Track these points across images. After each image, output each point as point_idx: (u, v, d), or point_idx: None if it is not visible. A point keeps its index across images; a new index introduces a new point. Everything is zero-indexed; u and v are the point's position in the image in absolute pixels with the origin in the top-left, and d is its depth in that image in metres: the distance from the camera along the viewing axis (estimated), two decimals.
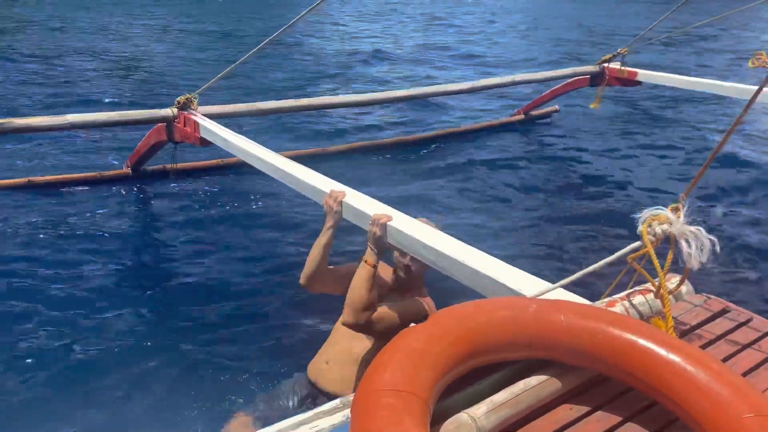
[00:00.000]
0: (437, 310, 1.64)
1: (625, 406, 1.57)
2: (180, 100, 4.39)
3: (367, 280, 2.40)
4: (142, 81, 8.99)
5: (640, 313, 1.89)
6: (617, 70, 6.42)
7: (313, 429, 1.49)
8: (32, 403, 2.87)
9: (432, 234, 2.47)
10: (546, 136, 7.48)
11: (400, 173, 5.94)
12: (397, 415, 1.27)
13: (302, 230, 4.63)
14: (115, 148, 6.02)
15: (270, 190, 5.16)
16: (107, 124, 4.55)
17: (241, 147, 3.76)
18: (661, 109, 8.81)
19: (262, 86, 8.98)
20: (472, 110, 8.29)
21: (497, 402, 1.50)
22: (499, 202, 5.48)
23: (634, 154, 6.89)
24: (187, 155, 5.46)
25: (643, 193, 5.74)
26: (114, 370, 3.10)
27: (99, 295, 3.72)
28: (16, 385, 2.97)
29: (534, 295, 1.92)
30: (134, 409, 2.88)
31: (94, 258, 4.13)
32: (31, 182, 4.96)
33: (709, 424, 1.36)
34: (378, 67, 11.01)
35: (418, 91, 6.15)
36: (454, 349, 1.50)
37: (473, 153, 6.62)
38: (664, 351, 1.48)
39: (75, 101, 7.62)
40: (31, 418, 2.78)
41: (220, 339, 3.39)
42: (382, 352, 1.49)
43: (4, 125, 4.07)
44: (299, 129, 7.08)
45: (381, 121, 7.61)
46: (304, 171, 3.26)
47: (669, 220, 1.72)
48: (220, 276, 4.05)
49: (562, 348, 1.55)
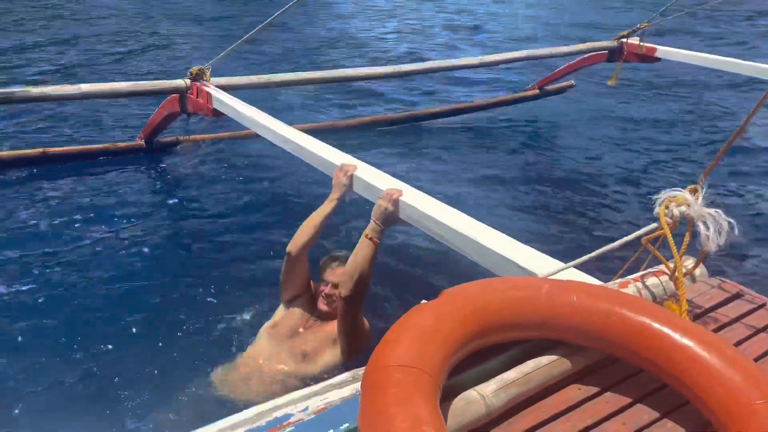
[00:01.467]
0: (447, 289, 1.63)
1: (634, 388, 1.57)
2: (193, 71, 4.36)
3: (371, 257, 2.41)
4: (156, 52, 8.95)
5: (653, 295, 1.88)
6: (636, 46, 6.27)
7: (323, 401, 1.50)
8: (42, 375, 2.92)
9: (444, 210, 2.45)
10: (561, 111, 7.37)
11: (411, 148, 5.90)
12: (407, 392, 1.28)
13: (315, 199, 4.61)
14: (129, 119, 6.03)
15: (282, 163, 5.14)
16: (120, 94, 4.54)
17: (253, 119, 3.74)
18: (680, 87, 8.62)
19: (276, 59, 8.90)
20: (486, 85, 8.18)
21: (507, 380, 1.50)
22: (511, 178, 5.43)
23: (652, 133, 6.77)
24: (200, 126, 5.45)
25: (659, 174, 5.65)
26: (127, 343, 3.13)
27: (111, 266, 3.76)
28: (28, 358, 3.01)
29: (546, 274, 1.91)
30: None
31: (108, 229, 4.17)
32: (45, 153, 4.98)
33: (720, 408, 1.36)
34: (393, 41, 10.86)
35: (432, 65, 6.07)
36: (464, 327, 1.50)
37: (486, 128, 6.55)
38: (677, 334, 1.47)
39: (88, 72, 7.60)
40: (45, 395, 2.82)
41: (234, 309, 3.41)
42: (392, 329, 1.49)
43: (18, 94, 4.09)
44: (312, 102, 7.03)
45: (394, 95, 7.53)
46: (315, 143, 3.25)
47: (687, 202, 1.70)
48: (232, 248, 4.07)
49: (573, 329, 1.55)
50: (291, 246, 2.69)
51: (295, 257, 2.70)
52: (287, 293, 2.85)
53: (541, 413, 1.48)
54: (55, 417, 2.65)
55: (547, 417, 1.46)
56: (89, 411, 2.67)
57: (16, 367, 2.91)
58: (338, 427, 1.39)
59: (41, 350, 3.02)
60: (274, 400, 1.51)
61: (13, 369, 2.89)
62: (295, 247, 2.68)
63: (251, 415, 1.45)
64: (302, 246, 2.68)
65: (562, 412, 1.48)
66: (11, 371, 2.88)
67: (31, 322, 3.22)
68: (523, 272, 2.03)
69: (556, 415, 1.47)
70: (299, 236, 2.68)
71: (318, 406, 1.47)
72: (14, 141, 5.35)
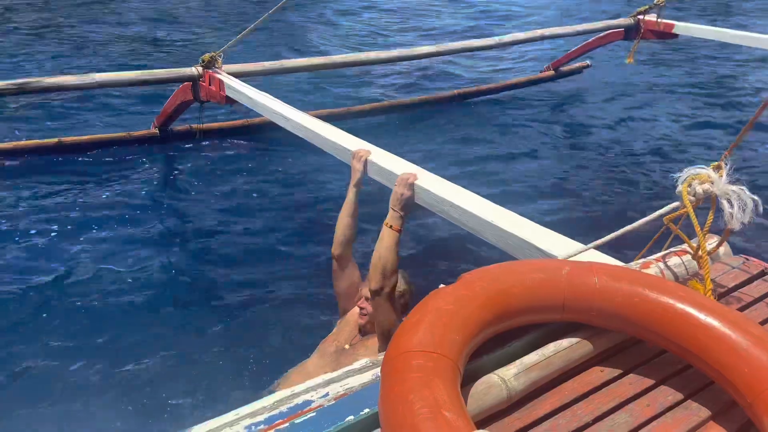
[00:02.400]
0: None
1: (658, 369, 1.55)
2: (204, 59, 4.36)
3: (395, 246, 2.36)
4: (168, 41, 8.94)
5: (675, 275, 1.85)
6: (653, 23, 6.13)
7: (343, 387, 1.50)
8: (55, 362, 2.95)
9: (460, 193, 2.43)
10: (577, 92, 7.26)
11: (425, 132, 5.85)
12: (427, 377, 1.27)
13: (328, 190, 4.62)
14: (143, 107, 6.04)
15: (295, 150, 5.13)
16: (133, 83, 4.55)
17: (266, 105, 3.73)
18: (700, 63, 8.44)
19: (288, 45, 8.86)
20: (501, 66, 8.07)
21: (528, 364, 1.49)
22: (529, 160, 5.37)
23: (672, 111, 6.65)
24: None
25: (681, 152, 5.55)
26: (138, 332, 3.15)
27: (127, 254, 3.79)
28: (41, 345, 3.05)
29: (566, 256, 1.88)
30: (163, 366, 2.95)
31: (123, 217, 4.20)
32: (61, 142, 5.02)
33: (747, 388, 1.33)
34: (405, 23, 10.74)
35: (445, 48, 5.99)
36: (484, 311, 1.48)
37: (501, 111, 6.48)
38: (701, 314, 1.44)
39: (101, 62, 7.62)
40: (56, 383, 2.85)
41: (248, 302, 3.43)
42: (411, 314, 1.48)
43: (33, 84, 4.12)
44: (324, 88, 6.99)
45: (407, 79, 7.47)
46: (329, 129, 3.22)
47: (711, 180, 1.65)
48: (246, 236, 4.09)
49: (595, 311, 1.52)
50: (333, 247, 2.68)
51: (339, 257, 2.69)
52: (340, 303, 2.82)
53: (563, 396, 1.46)
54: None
55: (569, 400, 1.45)
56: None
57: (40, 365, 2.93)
58: (358, 413, 1.39)
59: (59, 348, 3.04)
60: (293, 387, 1.51)
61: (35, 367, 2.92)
62: (336, 246, 2.67)
63: (272, 402, 1.45)
64: (342, 243, 2.66)
65: (584, 394, 1.47)
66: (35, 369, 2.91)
67: (52, 316, 3.25)
68: (543, 255, 2.00)
69: (578, 397, 1.46)
70: (336, 235, 2.68)
71: (338, 392, 1.47)
72: (30, 131, 5.40)
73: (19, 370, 2.86)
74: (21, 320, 3.19)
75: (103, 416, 2.62)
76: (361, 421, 1.38)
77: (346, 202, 2.69)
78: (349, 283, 2.76)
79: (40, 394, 2.74)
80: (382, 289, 2.37)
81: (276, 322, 3.28)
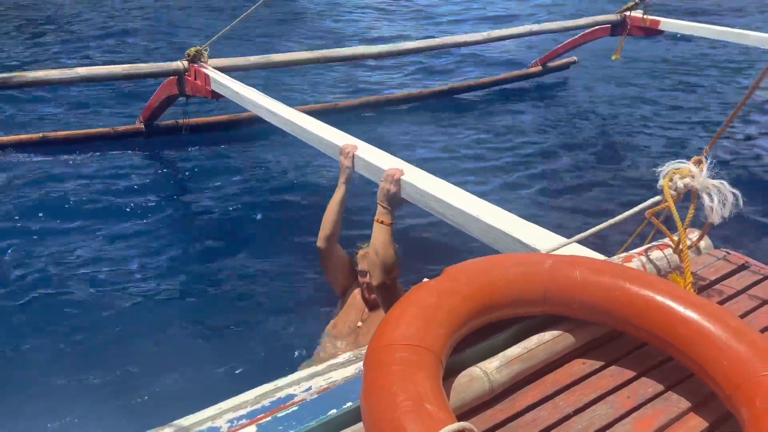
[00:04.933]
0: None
1: (639, 362, 1.56)
2: (190, 53, 4.32)
3: (390, 240, 2.38)
4: (151, 33, 8.86)
5: (657, 269, 1.86)
6: (639, 19, 6.17)
7: (326, 380, 1.50)
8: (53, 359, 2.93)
9: (445, 188, 2.43)
10: (564, 87, 7.30)
11: (413, 127, 5.86)
12: (410, 369, 1.27)
13: (314, 185, 4.61)
14: (128, 102, 5.98)
15: (282, 145, 5.12)
16: (118, 77, 4.51)
17: (252, 100, 3.70)
18: (684, 59, 8.51)
19: (274, 39, 8.81)
20: (488, 62, 8.08)
21: (510, 356, 1.50)
22: (514, 155, 5.39)
23: (656, 106, 6.70)
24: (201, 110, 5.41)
25: (662, 147, 5.61)
26: (125, 327, 3.13)
27: (112, 250, 3.76)
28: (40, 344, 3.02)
29: (548, 250, 1.89)
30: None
31: (108, 213, 4.16)
32: (45, 138, 4.97)
33: (726, 380, 1.35)
34: (392, 20, 10.72)
35: (432, 43, 5.99)
36: (467, 304, 1.49)
37: (488, 106, 6.49)
38: (682, 307, 1.46)
39: (84, 56, 7.54)
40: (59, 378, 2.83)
41: (239, 294, 3.41)
42: (394, 308, 1.48)
43: (15, 78, 4.06)
44: (312, 83, 6.97)
45: (395, 75, 7.46)
46: (316, 124, 3.21)
47: (692, 174, 1.67)
48: (235, 230, 4.07)
49: (577, 304, 1.54)
50: (318, 240, 2.70)
51: (325, 250, 2.71)
52: (335, 287, 2.86)
53: (545, 388, 1.47)
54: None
55: (551, 392, 1.46)
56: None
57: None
58: (341, 406, 1.39)
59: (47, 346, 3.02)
60: (276, 381, 1.50)
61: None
62: (322, 240, 2.69)
63: (254, 396, 1.45)
64: (327, 237, 2.68)
65: (566, 386, 1.48)
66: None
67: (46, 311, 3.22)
68: (526, 248, 2.01)
69: (560, 389, 1.47)
70: (322, 228, 2.69)
71: (321, 385, 1.47)
72: (14, 126, 5.33)
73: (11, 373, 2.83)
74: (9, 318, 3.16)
75: (86, 411, 2.61)
76: (344, 415, 1.38)
77: (335, 198, 2.70)
78: (340, 265, 2.80)
79: (35, 393, 2.72)
80: (384, 283, 2.39)
81: (270, 314, 3.28)
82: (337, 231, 2.71)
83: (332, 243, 2.72)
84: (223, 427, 1.36)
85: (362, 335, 2.69)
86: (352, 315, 2.77)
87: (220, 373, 2.83)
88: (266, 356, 2.96)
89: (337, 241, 2.76)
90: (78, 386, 2.74)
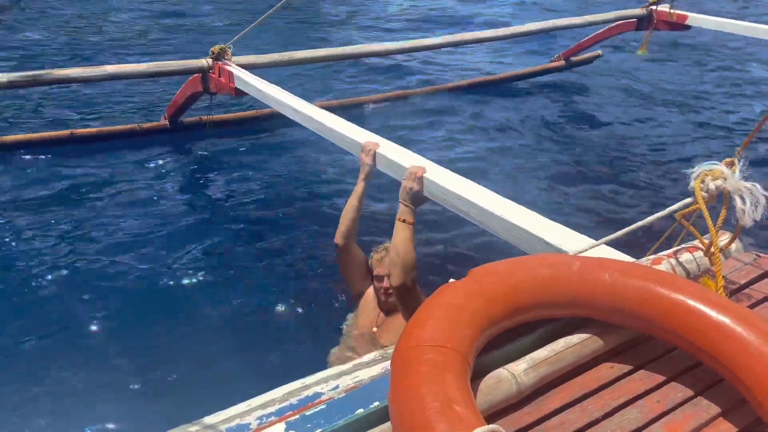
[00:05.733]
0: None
1: (668, 366, 1.55)
2: (214, 50, 4.36)
3: (411, 239, 2.35)
4: (177, 32, 8.94)
5: (686, 271, 1.84)
6: (666, 13, 6.07)
7: (353, 380, 1.51)
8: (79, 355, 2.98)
9: (469, 186, 2.42)
10: (588, 83, 7.20)
11: (435, 123, 5.84)
12: (437, 370, 1.27)
13: (337, 182, 4.62)
14: (153, 100, 6.06)
15: (305, 140, 5.14)
16: (144, 75, 4.57)
17: (275, 97, 3.73)
18: (714, 56, 8.33)
19: (297, 37, 8.84)
20: (510, 57, 8.01)
21: (537, 359, 1.49)
22: (538, 153, 5.34)
23: (685, 104, 6.57)
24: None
25: (693, 147, 5.50)
26: (150, 321, 3.17)
27: (139, 244, 3.81)
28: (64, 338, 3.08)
29: (576, 252, 1.88)
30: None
31: (134, 209, 4.22)
32: (73, 135, 5.05)
33: (757, 386, 1.33)
34: (416, 15, 10.66)
35: (454, 39, 5.96)
36: (493, 305, 1.49)
37: (511, 102, 6.44)
38: (713, 311, 1.44)
39: (112, 54, 7.64)
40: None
41: (258, 294, 3.44)
42: (421, 308, 1.48)
43: (44, 76, 4.14)
44: (333, 79, 6.98)
45: (416, 70, 7.43)
46: (338, 121, 3.22)
47: (724, 176, 1.64)
48: (258, 226, 4.10)
49: (605, 307, 1.52)
50: (336, 237, 2.71)
51: (343, 247, 2.71)
52: (352, 289, 2.85)
53: (573, 391, 1.46)
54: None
55: (579, 395, 1.45)
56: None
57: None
58: (368, 406, 1.39)
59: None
60: (303, 379, 1.52)
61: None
62: (340, 236, 2.70)
63: (282, 393, 1.46)
64: (345, 234, 2.68)
65: (594, 390, 1.47)
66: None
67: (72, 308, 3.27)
68: (552, 249, 2.00)
69: (588, 393, 1.46)
70: (340, 225, 2.70)
71: (348, 384, 1.48)
72: (43, 123, 5.43)
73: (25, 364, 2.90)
74: (28, 308, 3.23)
75: (114, 407, 2.66)
76: (371, 414, 1.38)
77: (354, 195, 2.71)
78: (357, 264, 2.80)
79: (54, 383, 2.78)
80: (404, 284, 2.36)
81: (294, 311, 3.31)
82: (355, 228, 2.71)
83: (350, 240, 2.72)
84: (252, 424, 1.37)
85: (377, 339, 2.66)
86: (367, 320, 2.75)
87: (246, 370, 2.86)
88: (292, 353, 2.99)
89: (354, 239, 2.75)
90: (107, 382, 2.79)
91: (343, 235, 2.70)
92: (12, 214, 4.06)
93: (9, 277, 3.45)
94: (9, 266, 3.55)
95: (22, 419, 2.56)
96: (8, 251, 3.68)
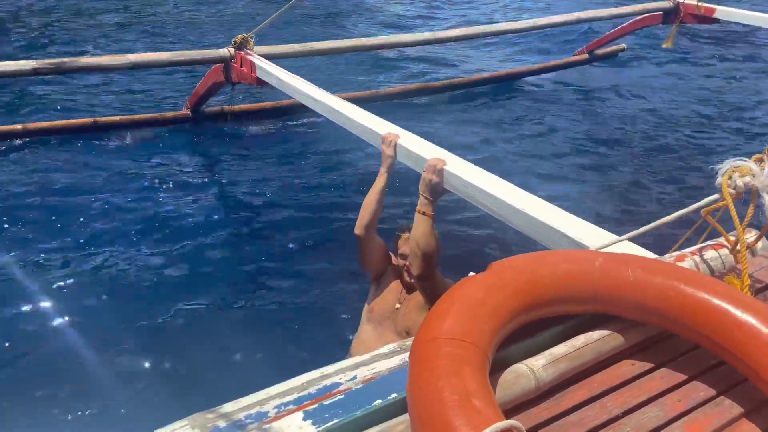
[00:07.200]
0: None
1: (690, 365, 1.52)
2: (236, 40, 4.38)
3: (431, 231, 2.36)
4: (200, 22, 8.99)
5: (711, 269, 1.81)
6: (693, 6, 5.94)
7: (371, 371, 1.51)
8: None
9: (489, 179, 2.40)
10: (612, 77, 7.09)
11: (455, 116, 5.80)
12: (456, 364, 1.27)
13: (357, 173, 4.63)
14: (176, 89, 6.11)
15: (325, 132, 5.14)
16: (167, 63, 4.62)
17: (297, 87, 3.73)
18: (741, 50, 8.14)
19: (318, 28, 8.83)
20: (533, 50, 7.92)
21: (557, 355, 1.48)
22: (560, 147, 5.29)
23: (711, 98, 6.44)
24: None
25: (719, 143, 5.39)
26: (171, 310, 3.21)
27: (160, 234, 3.86)
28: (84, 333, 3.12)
29: (598, 247, 1.85)
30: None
31: (157, 198, 4.27)
32: (96, 123, 5.12)
33: None
34: (437, 6, 10.59)
35: (475, 31, 5.92)
36: (513, 300, 1.48)
37: (533, 95, 6.37)
38: (738, 310, 1.41)
39: (135, 42, 7.71)
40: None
41: (280, 283, 3.46)
42: (440, 301, 1.48)
43: (68, 64, 4.19)
44: (354, 70, 6.97)
45: (436, 63, 7.39)
46: (358, 112, 3.22)
47: (752, 172, 1.61)
48: (279, 215, 4.12)
49: (627, 303, 1.50)
50: (356, 228, 2.71)
51: (363, 238, 2.71)
52: (372, 272, 2.86)
53: (593, 388, 1.45)
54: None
55: (598, 392, 1.43)
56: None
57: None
58: (386, 397, 1.40)
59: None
60: (322, 369, 1.52)
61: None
62: (360, 228, 2.70)
63: (300, 383, 1.47)
64: (366, 225, 2.68)
65: (614, 387, 1.45)
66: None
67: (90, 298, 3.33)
68: (574, 244, 1.97)
69: (608, 390, 1.44)
70: (361, 216, 2.70)
71: (366, 375, 1.48)
72: (66, 111, 5.51)
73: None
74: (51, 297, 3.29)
75: (135, 395, 2.70)
76: (389, 406, 1.39)
77: (375, 186, 2.70)
78: (377, 251, 2.80)
79: (69, 378, 2.83)
80: (424, 273, 2.38)
81: (313, 301, 3.33)
82: (376, 219, 2.71)
83: (370, 231, 2.72)
84: (270, 412, 1.38)
85: (401, 317, 2.70)
86: (390, 297, 2.77)
87: (266, 358, 2.89)
88: (312, 342, 3.01)
89: (375, 230, 2.76)
90: (127, 371, 2.83)
91: (364, 227, 2.70)
92: (37, 200, 4.13)
93: (35, 261, 3.51)
94: (35, 249, 3.60)
95: (43, 408, 2.61)
96: (29, 237, 3.75)
